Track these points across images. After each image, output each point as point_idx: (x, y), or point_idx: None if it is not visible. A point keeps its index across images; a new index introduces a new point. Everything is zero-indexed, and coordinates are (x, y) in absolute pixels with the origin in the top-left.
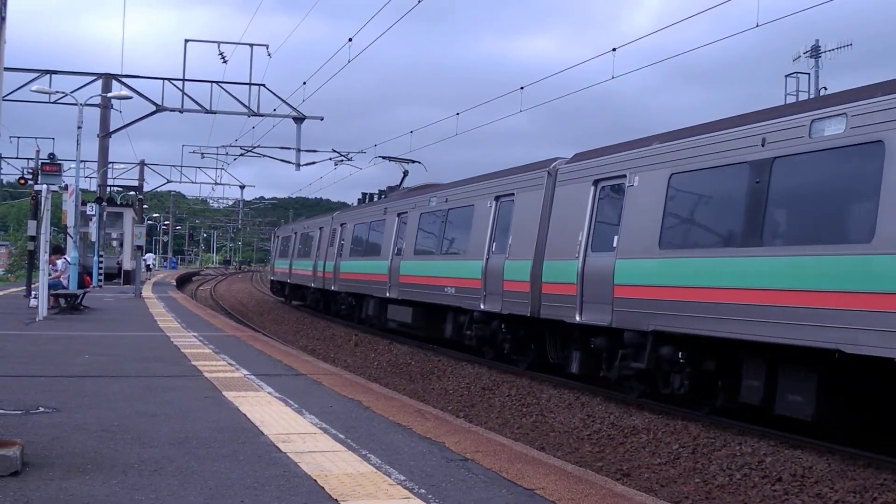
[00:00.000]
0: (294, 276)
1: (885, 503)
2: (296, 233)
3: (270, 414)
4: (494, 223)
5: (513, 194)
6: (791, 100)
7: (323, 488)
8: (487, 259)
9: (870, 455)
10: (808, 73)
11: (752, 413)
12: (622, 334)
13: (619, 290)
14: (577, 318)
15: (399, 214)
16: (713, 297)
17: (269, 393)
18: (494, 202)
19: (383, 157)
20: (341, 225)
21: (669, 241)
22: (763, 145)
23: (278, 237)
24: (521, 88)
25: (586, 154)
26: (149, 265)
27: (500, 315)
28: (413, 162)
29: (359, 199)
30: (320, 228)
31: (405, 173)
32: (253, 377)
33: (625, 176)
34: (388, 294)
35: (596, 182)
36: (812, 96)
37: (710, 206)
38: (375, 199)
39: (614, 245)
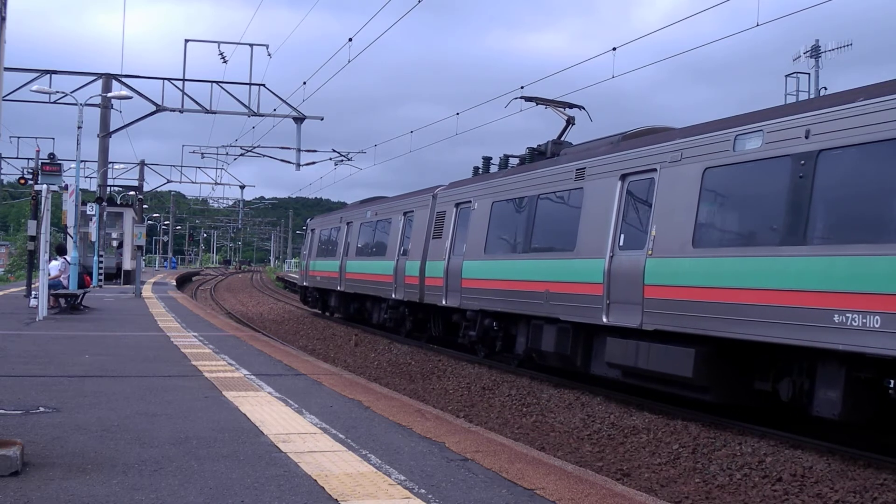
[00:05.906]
0: (348, 282)
1: (885, 503)
2: (349, 223)
3: (271, 414)
4: None
5: None
6: (791, 99)
7: (323, 488)
8: None
9: (870, 455)
10: (808, 73)
11: (751, 413)
12: None
13: None
14: None
15: (626, 177)
16: None
17: (269, 393)
18: None
19: (526, 99)
20: (456, 206)
21: None
22: None
23: (314, 231)
24: (521, 88)
25: None
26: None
27: None
28: (573, 106)
29: (476, 169)
30: (405, 214)
31: (569, 122)
32: (253, 377)
33: None
34: (605, 319)
35: None
36: (813, 95)
37: None
38: (506, 165)
39: None
